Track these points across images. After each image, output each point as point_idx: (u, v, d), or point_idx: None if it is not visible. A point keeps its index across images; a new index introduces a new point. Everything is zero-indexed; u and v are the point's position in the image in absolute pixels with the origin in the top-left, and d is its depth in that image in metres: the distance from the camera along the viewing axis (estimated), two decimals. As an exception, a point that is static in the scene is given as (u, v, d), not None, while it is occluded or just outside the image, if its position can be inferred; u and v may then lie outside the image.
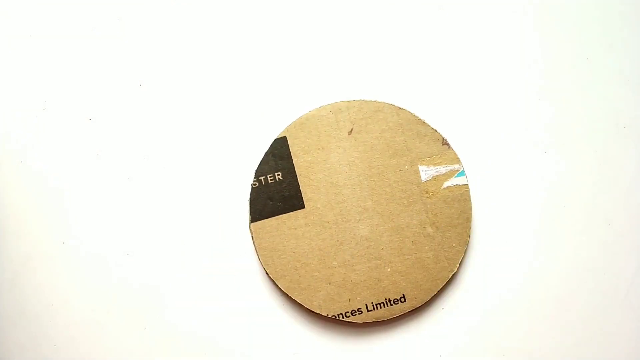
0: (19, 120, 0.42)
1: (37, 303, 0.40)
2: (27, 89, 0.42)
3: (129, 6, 0.42)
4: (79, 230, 0.40)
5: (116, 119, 0.41)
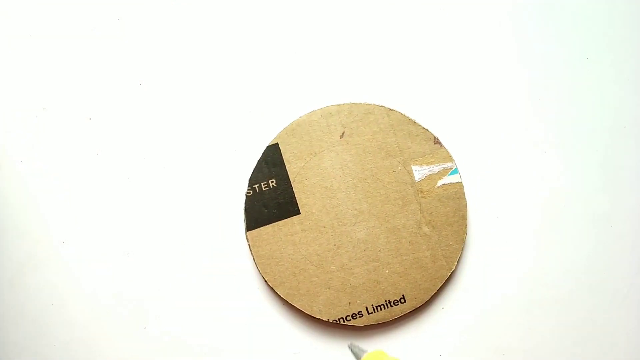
0: (19, 120, 0.42)
1: (37, 303, 0.40)
2: (27, 89, 0.42)
3: (129, 6, 0.42)
4: (79, 230, 0.40)
5: (116, 118, 0.41)
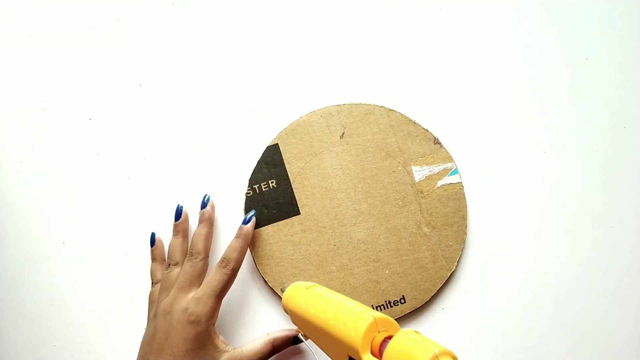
0: (19, 120, 0.42)
1: (37, 303, 0.40)
2: (27, 89, 0.42)
3: (129, 6, 0.42)
4: (79, 230, 0.40)
5: (116, 119, 0.41)
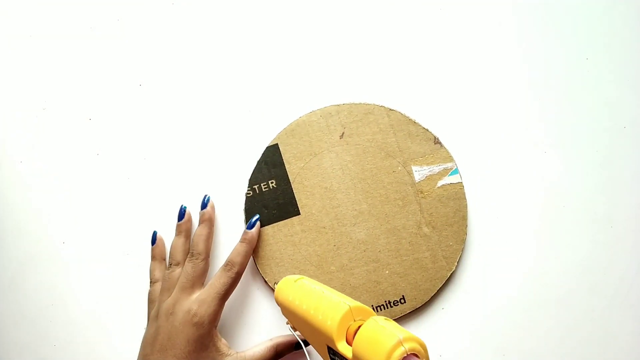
0: (19, 120, 0.42)
1: (37, 303, 0.40)
2: (27, 89, 0.42)
3: (129, 6, 0.42)
4: (79, 230, 0.40)
5: (116, 119, 0.41)
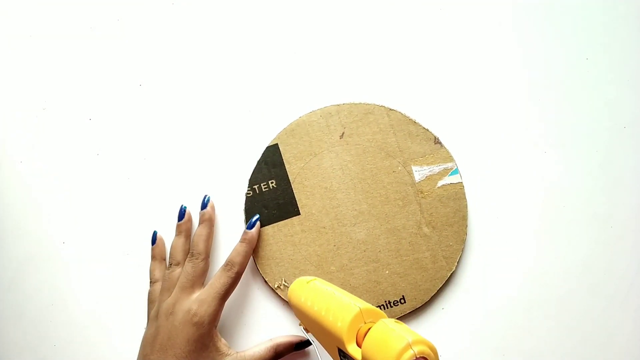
0: (19, 120, 0.42)
1: (37, 303, 0.40)
2: (27, 89, 0.42)
3: (129, 6, 0.42)
4: (79, 230, 0.40)
5: (116, 119, 0.41)
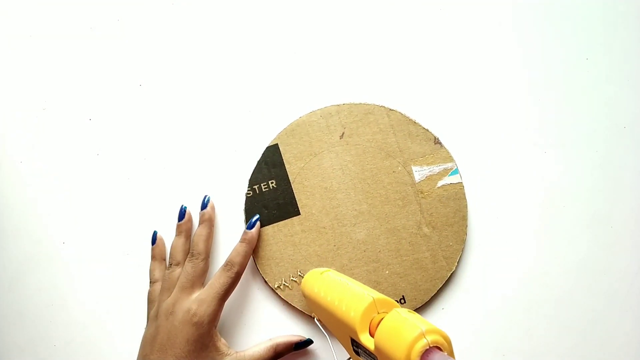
0: (19, 120, 0.42)
1: (37, 303, 0.40)
2: (27, 89, 0.42)
3: (129, 6, 0.42)
4: (79, 230, 0.40)
5: (116, 119, 0.41)
